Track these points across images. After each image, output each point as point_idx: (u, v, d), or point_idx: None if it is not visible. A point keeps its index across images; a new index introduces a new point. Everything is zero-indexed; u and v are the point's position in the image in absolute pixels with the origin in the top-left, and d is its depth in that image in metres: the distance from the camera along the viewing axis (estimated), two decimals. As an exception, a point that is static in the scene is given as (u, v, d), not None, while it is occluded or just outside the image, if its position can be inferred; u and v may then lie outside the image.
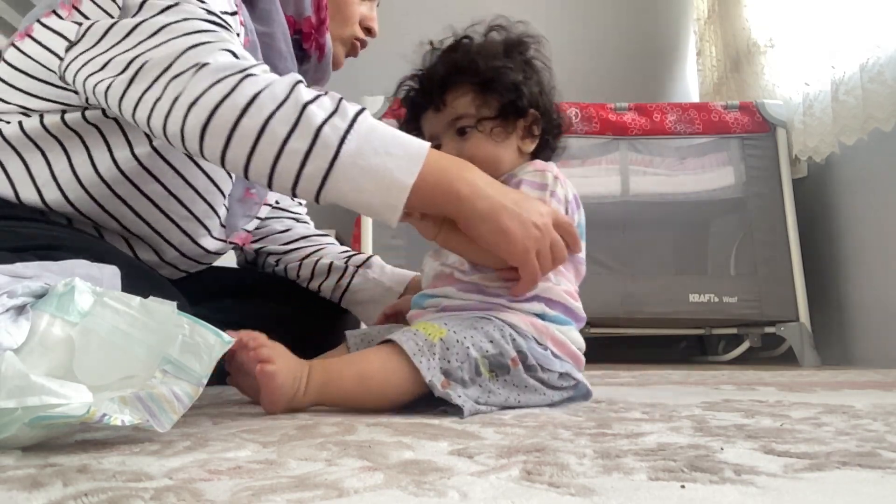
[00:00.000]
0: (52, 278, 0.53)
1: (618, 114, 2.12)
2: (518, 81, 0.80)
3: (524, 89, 0.80)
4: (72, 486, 0.35)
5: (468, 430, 0.55)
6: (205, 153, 0.66)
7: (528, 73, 0.82)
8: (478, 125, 0.80)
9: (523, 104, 0.80)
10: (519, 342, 0.71)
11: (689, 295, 1.99)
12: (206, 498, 0.33)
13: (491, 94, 0.80)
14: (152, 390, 0.47)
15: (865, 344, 1.91)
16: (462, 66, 0.81)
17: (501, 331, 0.71)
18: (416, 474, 0.38)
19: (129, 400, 0.46)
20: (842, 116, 1.79)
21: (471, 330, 0.70)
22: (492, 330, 0.70)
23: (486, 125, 0.80)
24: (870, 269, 1.89)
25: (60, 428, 0.45)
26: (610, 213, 2.10)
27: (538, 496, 0.34)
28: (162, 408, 0.47)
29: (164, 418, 0.47)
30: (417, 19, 2.97)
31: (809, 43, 1.98)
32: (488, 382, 0.68)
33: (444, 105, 0.81)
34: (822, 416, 0.64)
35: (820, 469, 0.39)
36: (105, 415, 0.43)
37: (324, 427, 0.56)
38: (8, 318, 0.48)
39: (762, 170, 2.08)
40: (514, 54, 0.83)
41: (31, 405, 0.42)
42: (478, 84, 0.80)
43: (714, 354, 2.32)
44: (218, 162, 0.66)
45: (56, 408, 0.42)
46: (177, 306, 0.52)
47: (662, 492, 0.34)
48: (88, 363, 0.48)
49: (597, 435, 0.52)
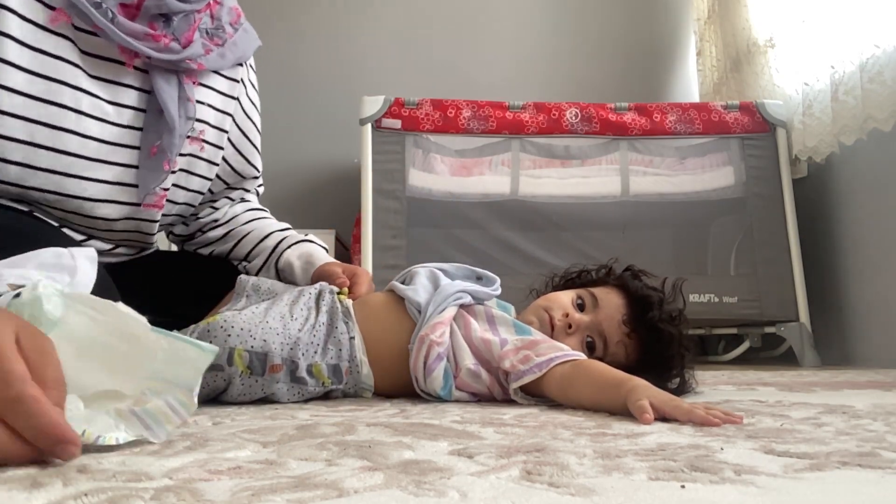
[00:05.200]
0: (19, 277, 0.50)
1: (618, 114, 2.12)
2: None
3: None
4: (72, 486, 0.35)
5: (468, 430, 0.55)
6: None
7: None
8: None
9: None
10: None
11: (689, 295, 1.99)
12: (206, 498, 0.33)
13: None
14: (146, 405, 0.47)
15: (865, 344, 1.91)
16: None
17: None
18: (416, 474, 0.38)
19: (124, 414, 0.46)
20: (841, 116, 1.79)
21: None
22: None
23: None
24: (870, 270, 1.89)
25: None
26: (610, 213, 2.10)
27: (538, 496, 0.34)
28: (157, 420, 0.46)
29: (159, 430, 0.46)
30: (417, 20, 2.97)
31: (809, 43, 1.98)
32: None
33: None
34: (822, 416, 0.64)
35: (820, 469, 0.39)
36: (100, 436, 0.43)
37: (324, 427, 0.56)
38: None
39: (762, 170, 2.08)
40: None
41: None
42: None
43: (714, 354, 2.32)
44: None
45: None
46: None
47: (662, 492, 0.34)
48: (67, 375, 0.44)
49: (597, 435, 0.52)
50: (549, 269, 1.06)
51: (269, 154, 3.04)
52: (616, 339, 0.87)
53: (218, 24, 0.94)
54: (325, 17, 2.88)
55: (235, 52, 0.96)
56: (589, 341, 0.87)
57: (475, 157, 2.13)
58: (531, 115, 2.10)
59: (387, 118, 2.03)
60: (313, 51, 2.84)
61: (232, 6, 0.98)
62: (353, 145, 2.21)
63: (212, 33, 0.92)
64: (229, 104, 1.00)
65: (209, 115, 0.96)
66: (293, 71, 2.79)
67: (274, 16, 2.82)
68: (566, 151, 2.14)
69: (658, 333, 0.86)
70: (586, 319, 0.88)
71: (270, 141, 2.75)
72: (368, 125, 2.03)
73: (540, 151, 2.13)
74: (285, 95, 2.76)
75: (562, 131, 2.11)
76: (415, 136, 2.05)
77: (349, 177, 2.44)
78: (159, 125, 0.87)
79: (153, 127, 0.87)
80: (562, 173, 2.13)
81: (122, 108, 0.85)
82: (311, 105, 2.79)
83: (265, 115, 1.12)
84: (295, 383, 0.82)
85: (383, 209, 2.00)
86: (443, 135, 2.08)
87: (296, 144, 2.75)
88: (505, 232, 2.04)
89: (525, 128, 2.09)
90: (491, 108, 2.09)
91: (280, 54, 2.77)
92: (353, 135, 2.11)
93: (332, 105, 2.73)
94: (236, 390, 0.81)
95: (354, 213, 2.22)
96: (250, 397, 0.82)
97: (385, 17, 2.88)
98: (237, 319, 0.81)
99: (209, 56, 0.91)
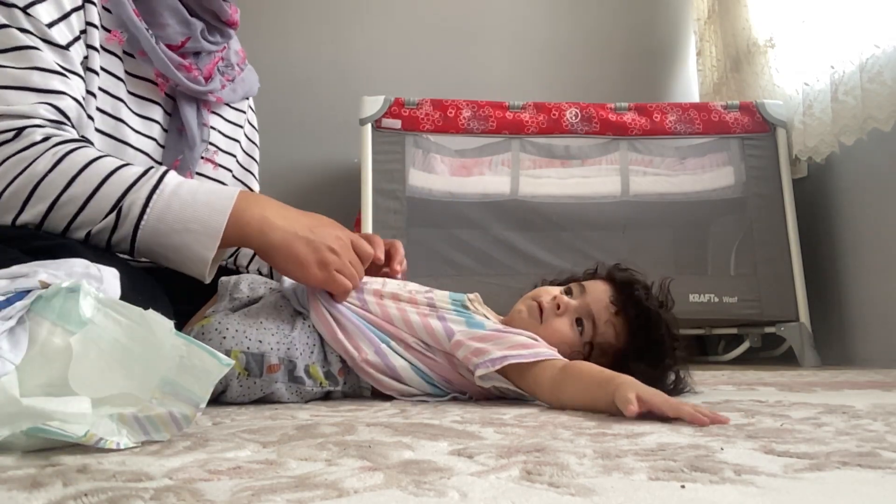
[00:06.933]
0: (51, 276, 0.52)
1: (618, 114, 2.12)
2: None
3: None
4: (72, 486, 0.35)
5: (468, 430, 0.55)
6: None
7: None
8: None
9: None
10: None
11: (689, 295, 1.99)
12: (206, 498, 0.33)
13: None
14: (150, 412, 0.47)
15: (865, 344, 1.91)
16: None
17: None
18: (416, 474, 0.38)
19: (127, 419, 0.46)
20: (841, 116, 1.79)
21: None
22: None
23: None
24: (870, 269, 1.89)
25: (58, 437, 0.45)
26: (610, 213, 2.09)
27: (538, 496, 0.34)
28: (157, 427, 0.47)
29: (158, 437, 0.47)
30: (417, 20, 2.97)
31: (809, 43, 1.97)
32: None
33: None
34: (822, 416, 0.64)
35: (820, 469, 0.39)
36: (101, 439, 0.43)
37: (324, 427, 0.56)
38: (5, 340, 0.46)
39: (762, 170, 2.08)
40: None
41: (25, 431, 0.42)
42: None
43: (714, 354, 2.32)
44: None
45: (51, 433, 0.42)
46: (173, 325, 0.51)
47: (662, 492, 0.34)
48: (84, 374, 0.47)
49: (597, 435, 0.52)
50: (549, 269, 1.07)
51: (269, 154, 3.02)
52: (604, 318, 0.88)
53: (227, 63, 1.05)
54: (325, 17, 2.88)
55: (244, 88, 1.09)
56: (578, 322, 0.88)
57: (475, 157, 2.13)
58: (531, 115, 2.10)
59: (387, 118, 2.03)
60: (313, 51, 2.84)
61: (237, 49, 1.09)
62: (353, 145, 2.21)
63: (223, 71, 1.04)
64: (237, 132, 1.11)
65: (219, 140, 1.08)
66: (293, 71, 2.79)
67: (274, 16, 2.82)
68: (566, 151, 2.14)
69: (646, 313, 0.88)
70: (574, 302, 0.89)
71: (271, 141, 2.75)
72: (368, 125, 2.03)
73: (540, 151, 2.13)
74: (285, 95, 2.75)
75: (562, 131, 2.11)
76: (415, 136, 2.05)
77: (349, 177, 2.44)
78: (179, 143, 0.97)
79: (173, 144, 0.97)
80: (562, 173, 2.13)
81: (152, 123, 0.95)
82: (311, 105, 2.79)
83: (265, 115, 1.15)
84: (293, 383, 0.82)
85: (383, 209, 2.00)
86: (443, 135, 2.08)
87: (296, 144, 2.75)
88: (505, 232, 2.03)
89: (525, 128, 2.09)
90: (491, 108, 2.09)
91: (280, 54, 2.76)
92: (353, 135, 2.11)
93: (332, 105, 2.72)
94: (235, 392, 0.81)
95: (354, 213, 2.22)
96: (250, 397, 0.82)
97: (385, 17, 2.88)
98: (231, 321, 0.81)
99: (224, 90, 1.03)
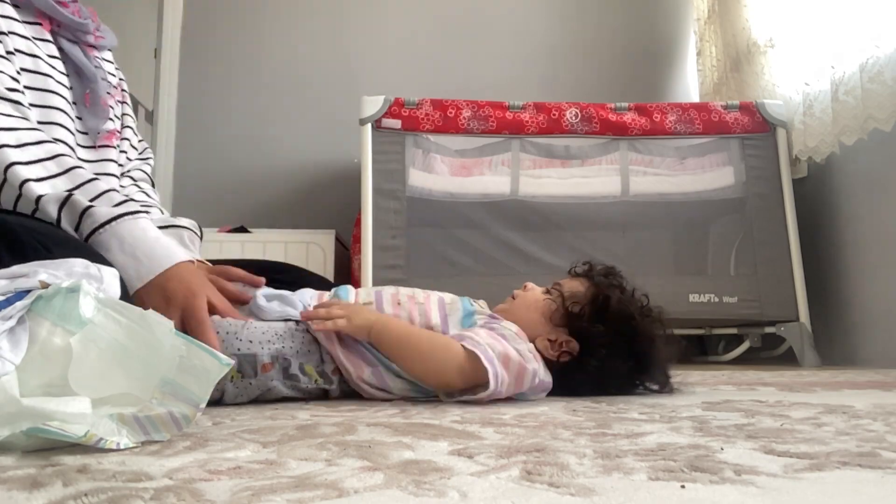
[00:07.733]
0: (51, 276, 0.52)
1: (618, 114, 2.12)
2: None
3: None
4: (72, 486, 0.35)
5: (468, 430, 0.55)
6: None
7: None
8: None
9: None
10: None
11: (689, 295, 1.99)
12: (206, 498, 0.33)
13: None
14: (150, 412, 0.47)
15: (865, 344, 1.91)
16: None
17: None
18: (416, 474, 0.38)
19: (127, 419, 0.47)
20: (842, 116, 1.79)
21: None
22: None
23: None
24: (870, 269, 1.89)
25: (58, 437, 0.45)
26: (610, 213, 2.10)
27: (538, 496, 0.34)
28: (157, 427, 0.47)
29: (157, 437, 0.47)
30: (417, 20, 2.97)
31: (809, 43, 1.98)
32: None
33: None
34: (822, 416, 0.64)
35: (820, 469, 0.39)
36: (101, 439, 0.43)
37: (324, 427, 0.56)
38: (5, 340, 0.46)
39: (762, 170, 2.08)
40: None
41: (25, 431, 0.42)
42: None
43: (714, 354, 2.32)
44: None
45: (51, 433, 0.42)
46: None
47: (662, 492, 0.34)
48: (84, 375, 0.47)
49: (597, 435, 0.52)
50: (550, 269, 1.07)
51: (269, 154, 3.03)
52: (575, 287, 0.92)
53: (83, 14, 1.06)
54: (325, 16, 2.87)
55: (109, 37, 1.10)
56: (548, 292, 0.93)
57: (475, 157, 2.14)
58: (531, 115, 2.10)
59: (387, 118, 2.03)
60: (313, 51, 2.84)
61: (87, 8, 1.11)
62: (353, 145, 2.21)
63: (86, 16, 1.05)
64: (121, 84, 1.14)
65: (111, 79, 1.09)
66: (293, 71, 2.79)
67: (274, 16, 2.82)
68: (566, 151, 2.14)
69: (619, 281, 0.93)
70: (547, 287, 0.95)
71: (271, 141, 2.75)
72: (368, 125, 2.03)
73: (540, 151, 2.13)
74: (285, 95, 2.76)
75: (562, 131, 2.11)
76: (415, 136, 2.05)
77: (349, 177, 2.44)
78: (81, 81, 0.99)
79: (76, 83, 0.98)
80: (562, 173, 2.13)
81: (55, 59, 0.96)
82: (311, 105, 2.79)
83: (266, 115, 1.14)
84: (289, 380, 0.82)
85: (383, 209, 2.00)
86: (443, 135, 2.08)
87: (296, 144, 2.75)
88: (505, 232, 2.04)
89: (525, 128, 2.09)
90: (491, 108, 2.09)
91: (280, 54, 2.77)
92: (353, 135, 2.11)
93: (332, 105, 2.73)
94: (231, 393, 0.81)
95: (354, 213, 2.22)
96: (248, 397, 0.82)
97: (385, 17, 2.88)
98: (221, 324, 0.81)
99: (98, 32, 1.05)
